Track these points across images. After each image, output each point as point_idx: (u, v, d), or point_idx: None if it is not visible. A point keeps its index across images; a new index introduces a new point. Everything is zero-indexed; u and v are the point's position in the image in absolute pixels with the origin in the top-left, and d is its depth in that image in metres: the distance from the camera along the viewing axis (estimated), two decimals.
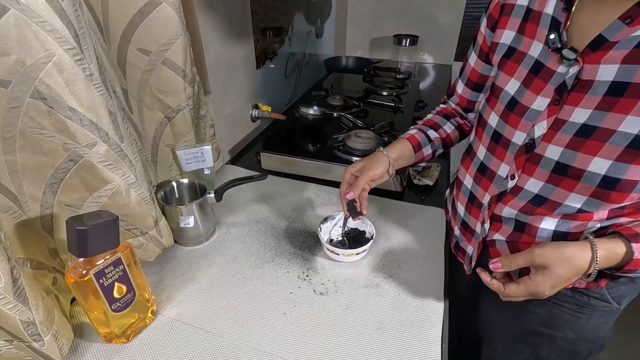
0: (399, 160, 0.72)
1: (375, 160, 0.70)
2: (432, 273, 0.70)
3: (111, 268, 0.50)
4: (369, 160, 0.70)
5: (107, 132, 0.54)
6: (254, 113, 1.17)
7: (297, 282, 0.67)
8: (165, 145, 0.78)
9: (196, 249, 0.75)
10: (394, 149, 0.72)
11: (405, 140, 0.74)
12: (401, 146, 0.73)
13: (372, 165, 0.69)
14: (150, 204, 0.63)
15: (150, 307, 0.59)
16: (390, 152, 0.71)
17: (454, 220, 0.75)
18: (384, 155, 0.71)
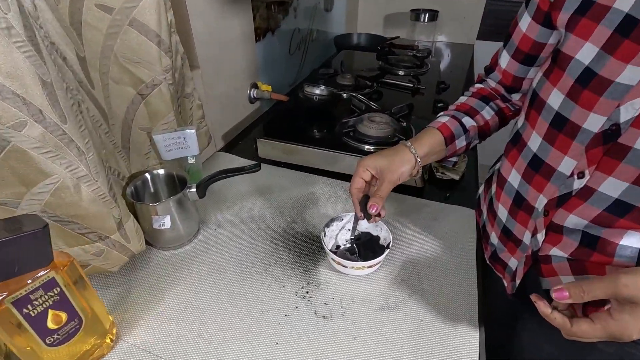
0: (427, 156, 0.58)
1: (399, 158, 0.56)
2: (463, 291, 0.56)
3: (40, 292, 0.37)
4: (391, 157, 0.56)
5: (40, 109, 0.40)
6: (253, 93, 1.03)
7: (294, 301, 0.54)
8: (140, 129, 0.65)
9: (175, 254, 0.62)
10: (423, 144, 0.58)
11: (436, 131, 0.59)
12: (431, 139, 0.59)
13: (396, 165, 0.55)
14: (109, 202, 0.50)
15: (109, 333, 0.47)
16: (418, 148, 0.57)
17: (491, 226, 0.60)
18: (411, 152, 0.56)
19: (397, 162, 0.55)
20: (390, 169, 0.55)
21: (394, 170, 0.55)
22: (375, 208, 0.53)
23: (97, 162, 0.48)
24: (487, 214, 0.63)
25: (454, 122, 0.61)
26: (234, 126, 0.99)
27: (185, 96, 0.75)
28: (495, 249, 0.60)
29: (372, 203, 0.54)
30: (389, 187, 0.54)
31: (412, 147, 0.57)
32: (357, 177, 0.56)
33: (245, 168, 0.61)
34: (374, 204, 0.53)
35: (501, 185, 0.56)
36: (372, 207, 0.53)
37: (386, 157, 0.56)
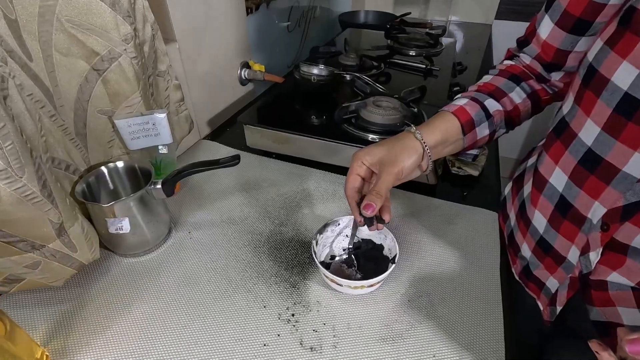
0: (439, 147, 0.47)
1: (401, 147, 0.45)
2: (486, 316, 0.46)
3: None
4: (391, 146, 0.45)
5: None
6: (244, 73, 0.91)
7: (276, 326, 0.44)
8: (98, 112, 0.54)
9: (139, 261, 0.52)
10: (433, 130, 0.47)
11: (450, 115, 0.48)
12: (444, 125, 0.47)
13: (397, 154, 0.44)
14: (42, 203, 0.40)
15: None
16: (426, 134, 0.46)
17: (523, 235, 0.49)
18: (417, 139, 0.45)
19: (398, 150, 0.44)
20: (390, 158, 0.44)
21: (393, 160, 0.44)
22: (371, 208, 0.42)
23: (22, 153, 0.37)
24: (516, 220, 0.52)
25: (474, 105, 0.49)
26: (222, 111, 0.88)
27: (158, 74, 0.64)
28: (527, 263, 0.49)
29: (367, 202, 0.42)
30: (389, 181, 0.43)
31: (418, 132, 0.46)
32: (352, 175, 0.45)
33: (221, 161, 0.51)
34: (369, 203, 0.42)
35: (539, 186, 0.45)
36: (368, 208, 0.42)
37: (385, 146, 0.45)
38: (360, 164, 0.45)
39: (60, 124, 0.50)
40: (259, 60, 0.96)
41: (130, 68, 0.53)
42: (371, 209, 0.42)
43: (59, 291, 0.47)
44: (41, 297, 0.47)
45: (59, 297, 0.47)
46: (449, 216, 0.61)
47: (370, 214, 0.42)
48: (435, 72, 0.96)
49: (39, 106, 0.47)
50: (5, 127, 0.35)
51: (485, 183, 0.69)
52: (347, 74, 0.87)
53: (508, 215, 0.55)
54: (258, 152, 0.75)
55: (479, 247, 0.55)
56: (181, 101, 0.70)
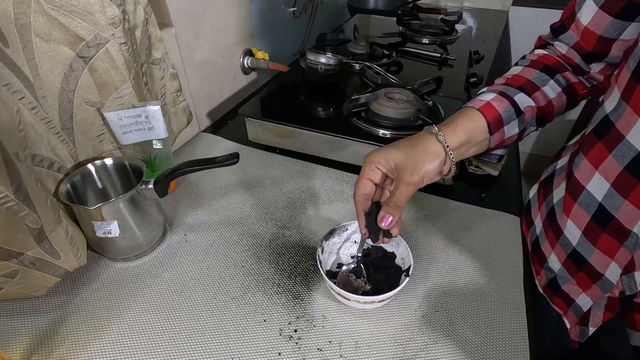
0: (462, 148, 0.42)
1: (422, 150, 0.40)
2: (509, 335, 0.41)
3: None
4: (411, 148, 0.40)
5: None
6: (247, 62, 0.86)
7: (277, 343, 0.40)
8: (86, 103, 0.50)
9: (130, 266, 0.49)
10: (457, 130, 0.41)
11: (476, 112, 0.43)
12: (468, 125, 0.42)
13: (418, 161, 0.39)
14: (18, 208, 0.35)
15: None
16: (449, 136, 0.41)
17: (551, 245, 0.45)
18: (438, 141, 0.40)
19: (418, 156, 0.39)
20: (409, 165, 0.39)
21: (413, 167, 0.39)
22: (388, 220, 0.38)
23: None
24: (543, 228, 0.47)
25: (502, 101, 0.44)
26: (223, 102, 0.83)
27: (153, 62, 0.59)
28: (554, 276, 0.44)
29: (384, 213, 0.38)
30: (408, 192, 0.38)
31: (440, 134, 0.40)
32: (364, 179, 0.40)
33: (218, 160, 0.46)
34: (387, 215, 0.38)
35: (574, 193, 0.40)
36: (385, 219, 0.38)
37: (403, 150, 0.40)
38: (373, 168, 0.40)
39: (43, 117, 0.46)
40: (263, 47, 0.90)
41: (120, 55, 0.48)
42: (388, 221, 0.38)
43: (42, 299, 0.44)
44: (22, 306, 0.43)
45: (41, 305, 0.43)
46: (466, 220, 0.56)
47: (387, 227, 0.38)
48: (451, 62, 0.90)
49: (18, 97, 0.42)
50: None
51: (505, 183, 0.64)
52: (357, 63, 0.81)
53: (533, 221, 0.51)
54: (261, 146, 0.71)
55: (500, 256, 0.50)
56: (178, 91, 0.65)
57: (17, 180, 0.36)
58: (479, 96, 0.46)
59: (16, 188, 0.35)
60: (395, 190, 0.39)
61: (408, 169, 0.39)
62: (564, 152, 0.51)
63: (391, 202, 0.38)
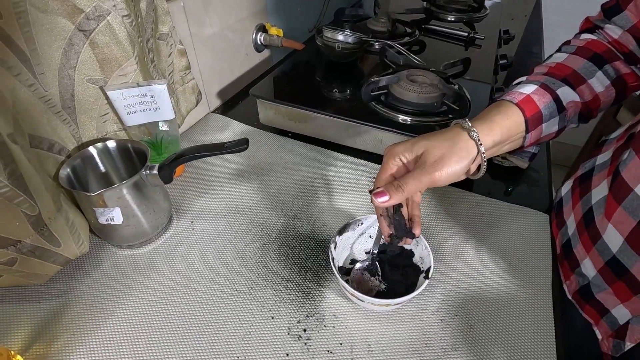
0: (495, 147, 0.37)
1: (450, 147, 0.35)
2: (534, 344, 0.38)
3: None
4: (438, 144, 0.35)
5: None
6: (260, 38, 0.81)
7: (285, 343, 0.38)
8: (88, 81, 0.46)
9: (135, 254, 0.47)
10: (493, 128, 0.37)
11: (514, 108, 0.38)
12: (506, 122, 0.37)
13: (443, 159, 0.34)
14: (12, 194, 0.33)
15: None
16: (484, 134, 0.36)
17: (585, 249, 0.41)
18: (471, 138, 0.36)
19: (447, 150, 0.35)
20: (436, 156, 0.35)
21: (438, 161, 0.34)
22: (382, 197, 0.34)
23: None
24: (577, 230, 0.43)
25: (544, 94, 0.39)
26: (234, 81, 0.79)
27: (159, 38, 0.56)
28: (587, 283, 0.41)
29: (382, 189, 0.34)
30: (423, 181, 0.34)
31: (474, 130, 0.36)
32: (385, 174, 0.36)
33: (227, 145, 0.43)
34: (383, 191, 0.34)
35: (619, 195, 0.36)
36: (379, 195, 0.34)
37: (431, 140, 0.36)
38: (396, 162, 0.36)
39: (42, 95, 0.43)
40: (276, 23, 0.85)
41: (122, 29, 0.45)
42: (382, 197, 0.33)
43: (44, 286, 0.42)
44: (23, 294, 0.42)
45: (43, 293, 0.42)
46: (490, 217, 0.52)
47: (379, 204, 0.34)
48: (479, 41, 0.83)
49: (13, 73, 0.39)
50: None
51: (533, 177, 0.60)
52: (377, 42, 0.75)
53: (565, 221, 0.46)
54: (272, 129, 0.67)
55: (526, 257, 0.47)
56: (187, 69, 0.62)
57: (10, 164, 0.33)
58: (517, 87, 0.41)
59: (10, 173, 0.33)
60: (409, 173, 0.34)
61: (433, 160, 0.34)
62: (605, 146, 0.46)
63: (395, 182, 0.34)
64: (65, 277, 0.43)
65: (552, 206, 0.52)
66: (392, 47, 0.72)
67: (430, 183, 0.34)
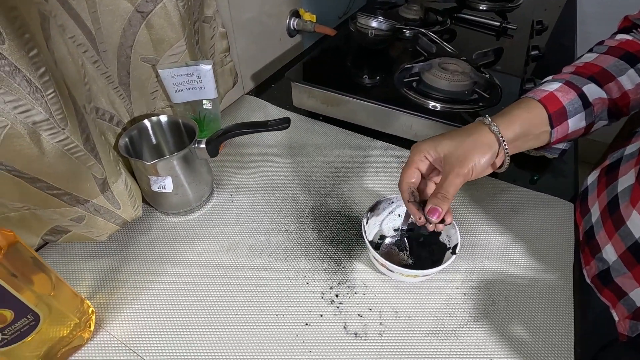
0: (518, 141, 0.40)
1: (472, 143, 0.38)
2: (554, 321, 0.41)
3: None
4: (461, 141, 0.38)
5: None
6: (293, 23, 0.83)
7: (319, 306, 0.42)
8: (142, 59, 0.50)
9: (180, 221, 0.51)
10: (511, 120, 0.39)
11: (536, 103, 0.40)
12: (526, 116, 0.40)
13: (468, 151, 0.38)
14: (85, 158, 0.37)
15: (87, 322, 0.38)
16: (503, 127, 0.39)
17: (608, 235, 0.42)
18: (491, 131, 0.38)
19: (468, 146, 0.38)
20: (459, 155, 0.38)
21: (462, 158, 0.37)
22: (437, 213, 0.37)
23: (64, 102, 0.34)
24: (601, 217, 0.44)
25: (568, 91, 0.40)
26: (268, 64, 0.82)
27: (204, 20, 0.59)
28: (607, 267, 0.43)
29: (432, 205, 0.38)
30: (456, 183, 0.37)
31: (494, 124, 0.38)
32: (411, 168, 0.40)
33: (270, 123, 0.46)
34: (435, 208, 0.37)
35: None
36: (433, 213, 0.38)
37: (453, 139, 0.39)
38: (422, 158, 0.39)
39: (104, 71, 0.47)
40: (309, 8, 0.87)
41: (176, 12, 0.48)
42: (437, 214, 0.37)
43: (103, 244, 0.47)
44: (86, 249, 0.47)
45: (102, 250, 0.47)
46: (514, 202, 0.54)
47: (436, 220, 0.37)
48: (511, 32, 0.83)
49: (82, 50, 0.43)
50: (47, 73, 0.32)
51: (559, 167, 0.61)
52: (409, 29, 0.77)
53: (589, 209, 0.48)
54: (304, 112, 0.70)
55: (549, 242, 0.49)
56: (227, 51, 0.65)
57: (85, 131, 0.37)
58: (541, 85, 0.43)
59: (85, 138, 0.37)
60: (443, 181, 0.38)
61: (457, 160, 0.37)
62: (634, 137, 0.47)
63: (439, 194, 0.37)
64: (120, 238, 0.48)
65: (577, 195, 0.53)
66: (425, 34, 0.73)
67: (463, 181, 0.37)
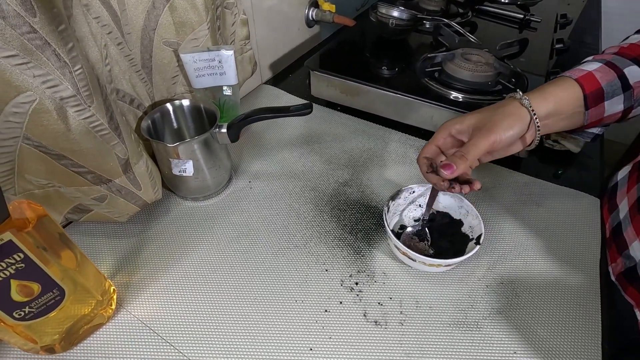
0: (551, 119, 0.39)
1: (502, 114, 0.37)
2: (579, 317, 0.40)
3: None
4: (490, 113, 0.38)
5: None
6: (312, 14, 0.83)
7: (338, 293, 0.41)
8: (164, 43, 0.50)
9: (199, 206, 0.51)
10: (545, 97, 0.38)
11: (572, 82, 0.39)
12: (560, 92, 0.38)
13: (496, 124, 0.37)
14: (109, 137, 0.37)
15: (108, 301, 0.38)
16: (536, 102, 0.38)
17: (637, 233, 0.41)
18: (522, 105, 0.37)
19: (498, 116, 0.37)
20: (486, 124, 0.37)
21: (490, 126, 0.36)
22: (450, 169, 0.36)
23: (90, 80, 0.34)
24: (629, 214, 0.43)
25: (608, 72, 0.39)
26: (286, 54, 0.81)
27: (226, 6, 0.58)
28: (634, 265, 0.41)
29: (447, 161, 0.37)
30: (481, 146, 0.36)
31: (525, 98, 0.38)
32: (431, 144, 0.40)
33: (292, 109, 0.46)
34: (449, 164, 0.36)
35: None
36: (447, 168, 0.36)
37: (482, 112, 0.39)
38: (445, 135, 0.39)
39: (127, 54, 0.47)
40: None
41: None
42: (450, 169, 0.36)
43: (123, 225, 0.47)
44: (107, 229, 0.47)
45: (123, 231, 0.47)
46: (537, 196, 0.53)
47: (448, 176, 0.36)
48: (534, 24, 0.81)
49: (106, 31, 0.43)
50: (75, 49, 0.32)
51: (584, 162, 0.59)
52: (430, 20, 0.75)
53: (617, 205, 0.46)
54: (322, 102, 0.69)
55: (574, 237, 0.47)
56: (247, 39, 0.64)
57: (110, 110, 0.37)
58: (581, 65, 0.41)
59: (110, 118, 0.37)
60: (467, 143, 0.37)
61: (485, 127, 0.37)
62: None
63: (458, 152, 0.37)
64: (140, 220, 0.48)
65: (606, 190, 0.52)
66: (449, 25, 0.72)
67: (488, 147, 0.36)
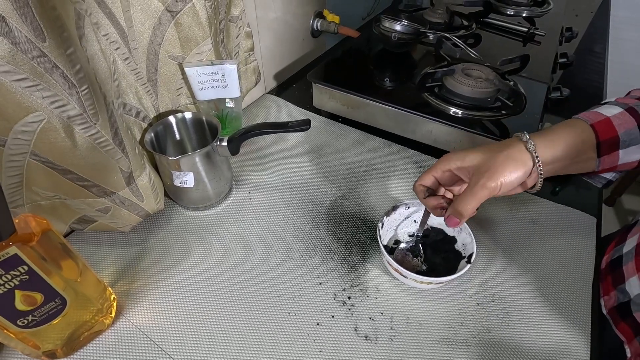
0: (558, 163, 0.37)
1: (505, 157, 0.36)
2: (570, 341, 0.40)
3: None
4: (492, 154, 0.36)
5: (3, 16, 0.28)
6: (317, 24, 0.84)
7: (331, 306, 0.42)
8: (169, 57, 0.52)
9: (199, 216, 0.52)
10: (553, 141, 0.37)
11: (585, 126, 0.37)
12: (571, 138, 0.37)
13: (497, 169, 0.35)
14: (114, 151, 0.39)
15: (108, 309, 0.39)
16: (541, 147, 0.36)
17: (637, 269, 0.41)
18: (527, 149, 0.36)
19: (500, 160, 0.36)
20: (488, 168, 0.35)
21: (492, 171, 0.35)
22: (452, 222, 0.37)
23: (96, 98, 0.36)
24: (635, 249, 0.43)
25: (629, 120, 0.37)
26: (290, 64, 0.83)
27: (230, 20, 0.60)
28: (628, 301, 0.41)
29: (451, 215, 0.37)
30: (481, 197, 0.35)
31: (531, 142, 0.36)
32: (429, 174, 0.39)
33: (290, 124, 0.47)
34: (452, 217, 0.37)
35: None
36: (450, 220, 0.37)
37: (485, 152, 0.37)
38: (444, 168, 0.39)
39: (134, 68, 0.49)
40: (333, 9, 0.87)
41: (204, 11, 0.49)
42: (452, 223, 0.37)
43: (126, 234, 0.49)
44: (110, 238, 0.49)
45: (125, 239, 0.49)
46: (534, 213, 0.53)
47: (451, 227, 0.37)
48: (539, 38, 0.81)
49: (114, 47, 0.45)
50: (82, 70, 0.34)
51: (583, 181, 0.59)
52: (433, 33, 0.76)
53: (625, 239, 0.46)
54: (323, 114, 0.71)
55: (568, 256, 0.48)
56: (251, 50, 0.66)
57: (114, 126, 0.39)
58: (600, 107, 0.39)
59: (114, 134, 0.39)
60: (467, 191, 0.36)
61: (486, 172, 0.35)
62: None
63: (461, 207, 0.36)
64: (142, 229, 0.50)
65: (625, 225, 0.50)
66: (448, 39, 0.73)
67: (487, 195, 0.35)
